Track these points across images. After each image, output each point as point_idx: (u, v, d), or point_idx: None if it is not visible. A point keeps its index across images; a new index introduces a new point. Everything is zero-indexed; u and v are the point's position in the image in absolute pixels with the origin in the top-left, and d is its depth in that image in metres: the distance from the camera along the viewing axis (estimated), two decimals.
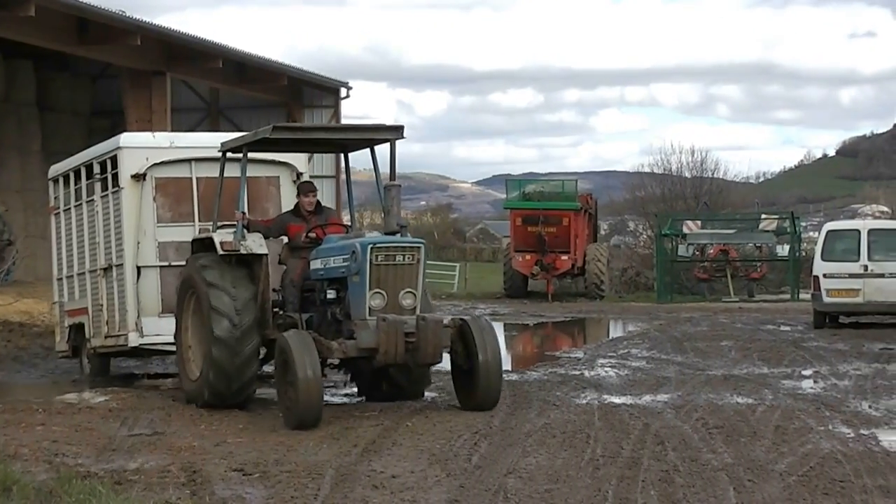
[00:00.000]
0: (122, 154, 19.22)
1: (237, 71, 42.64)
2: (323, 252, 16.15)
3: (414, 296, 15.44)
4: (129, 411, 16.59)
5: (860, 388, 18.78)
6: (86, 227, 20.81)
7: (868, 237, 31.73)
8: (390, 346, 14.64)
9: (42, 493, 10.58)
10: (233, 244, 16.37)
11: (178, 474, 12.09)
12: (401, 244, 15.55)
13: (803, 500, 10.46)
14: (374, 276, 15.08)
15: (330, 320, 16.00)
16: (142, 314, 18.92)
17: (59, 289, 22.35)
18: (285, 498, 11.05)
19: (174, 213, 19.18)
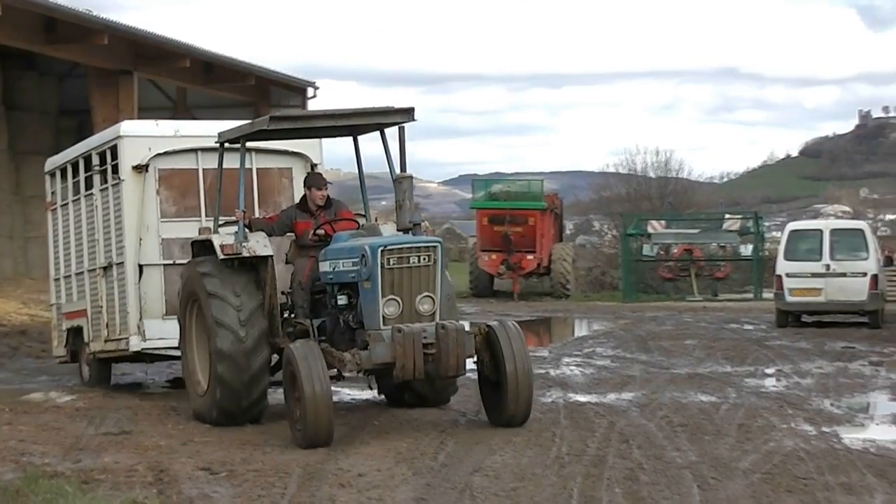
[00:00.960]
0: (122, 143, 17.61)
1: (205, 70, 42.51)
2: (331, 253, 14.38)
3: (432, 300, 13.70)
4: (95, 410, 16.56)
5: (822, 386, 18.88)
6: (84, 224, 19.25)
7: (830, 237, 31.92)
8: (407, 360, 13.01)
9: (8, 493, 10.56)
10: (234, 247, 14.69)
11: (145, 473, 12.08)
12: (414, 244, 13.75)
13: (766, 497, 10.51)
14: (387, 281, 13.41)
15: (343, 328, 14.28)
16: (144, 316, 17.31)
17: (56, 290, 20.92)
18: (252, 497, 11.05)
19: (179, 208, 17.53)
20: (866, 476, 11.61)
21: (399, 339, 12.99)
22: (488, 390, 14.28)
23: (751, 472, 11.59)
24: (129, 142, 17.45)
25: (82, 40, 37.79)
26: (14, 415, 16.01)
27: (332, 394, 13.24)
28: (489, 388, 14.24)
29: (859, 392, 18.53)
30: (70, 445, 13.77)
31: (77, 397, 17.93)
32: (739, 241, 52.16)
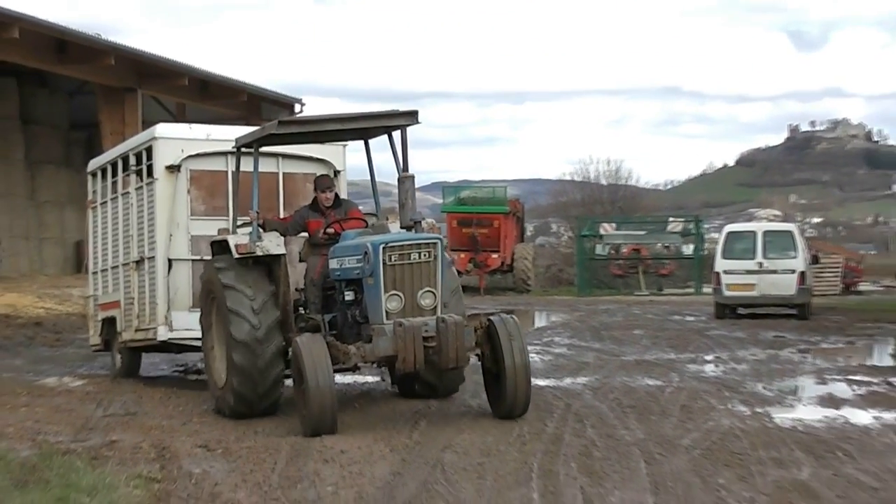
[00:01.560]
0: (157, 144, 16.83)
1: (201, 88, 42.46)
2: (339, 251, 13.66)
3: (433, 295, 12.86)
4: (103, 394, 16.51)
5: (756, 371, 18.91)
6: (120, 220, 18.41)
7: (763, 238, 32.15)
8: (408, 352, 12.24)
9: (26, 468, 10.52)
10: (248, 246, 14.05)
11: (148, 450, 12.04)
12: (415, 241, 12.93)
13: (706, 471, 10.52)
14: (389, 277, 12.66)
15: (350, 322, 13.53)
16: (172, 308, 16.54)
17: (93, 283, 20.11)
18: (245, 472, 11.01)
19: (208, 207, 16.67)
20: (794, 451, 11.64)
21: (400, 332, 12.31)
22: (490, 382, 13.45)
23: (692, 448, 11.61)
24: (163, 143, 16.81)
25: (91, 60, 37.72)
26: (31, 398, 15.95)
27: (334, 385, 12.53)
28: (491, 379, 13.39)
29: (788, 376, 18.58)
30: (81, 425, 13.73)
31: (87, 382, 17.88)
32: (682, 242, 52.53)
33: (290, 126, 13.95)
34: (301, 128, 14.53)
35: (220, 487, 10.41)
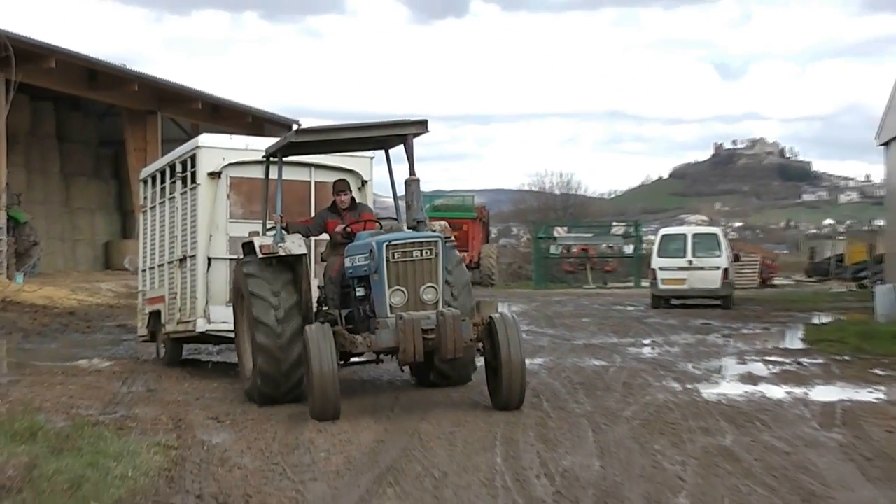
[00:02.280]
0: (200, 153, 16.06)
1: (213, 110, 42.47)
2: (351, 250, 12.74)
3: (435, 290, 11.93)
4: (128, 373, 16.44)
5: (686, 353, 18.96)
6: (167, 223, 17.65)
7: (692, 239, 32.42)
8: (408, 344, 11.42)
9: (61, 437, 10.48)
10: (271, 247, 13.21)
11: (167, 422, 12.02)
12: (417, 240, 12.04)
13: (644, 438, 10.54)
14: (393, 273, 11.80)
15: (362, 317, 12.62)
16: (210, 302, 15.76)
17: (142, 279, 19.30)
18: (250, 440, 11.00)
19: (245, 210, 15.83)
20: (719, 421, 11.68)
21: (401, 325, 11.48)
22: (490, 375, 12.41)
23: (632, 419, 11.64)
24: (205, 152, 16.04)
25: (118, 87, 37.77)
26: (65, 377, 15.87)
27: (337, 373, 11.57)
28: (490, 373, 12.39)
29: (714, 357, 18.62)
30: (108, 400, 13.68)
31: (114, 364, 17.79)
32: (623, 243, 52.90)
33: (307, 134, 13.17)
34: (317, 136, 13.48)
35: (229, 453, 10.39)
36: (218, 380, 15.41)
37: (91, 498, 8.21)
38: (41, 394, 13.86)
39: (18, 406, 12.38)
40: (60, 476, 8.69)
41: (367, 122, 13.19)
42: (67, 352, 19.93)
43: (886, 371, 16.43)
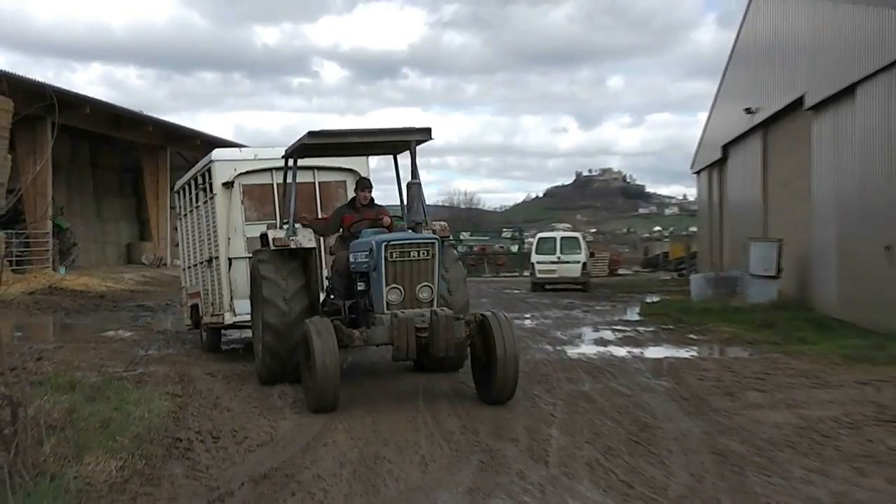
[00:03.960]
0: (214, 166, 14.10)
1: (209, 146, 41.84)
2: (355, 246, 10.79)
3: (430, 289, 9.88)
4: (144, 341, 16.24)
5: (556, 324, 19.10)
6: (196, 228, 15.62)
7: (560, 241, 32.79)
8: (402, 341, 9.50)
9: (94, 389, 10.35)
10: (283, 240, 11.43)
11: (174, 377, 11.90)
12: (415, 241, 10.04)
13: (526, 386, 10.52)
14: (391, 271, 9.80)
15: (362, 309, 10.66)
16: (234, 297, 13.75)
17: (183, 277, 17.16)
18: (235, 389, 10.97)
19: (259, 213, 13.95)
20: (580, 373, 11.80)
21: (396, 323, 9.54)
22: (479, 369, 10.19)
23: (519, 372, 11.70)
24: (219, 165, 14.06)
25: (137, 128, 37.61)
26: (97, 344, 15.64)
27: (339, 366, 9.42)
28: (480, 367, 10.15)
29: (576, 327, 18.79)
30: (130, 361, 13.50)
31: (134, 334, 17.57)
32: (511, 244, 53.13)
33: (320, 137, 10.90)
34: (328, 139, 11.15)
35: (220, 399, 10.34)
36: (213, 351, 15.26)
37: (117, 434, 8.12)
38: (79, 356, 13.66)
39: (62, 365, 12.26)
40: (93, 417, 8.62)
41: (374, 128, 11.04)
42: (99, 325, 19.63)
43: (698, 336, 16.73)
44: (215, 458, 7.72)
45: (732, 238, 28.73)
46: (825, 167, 19.58)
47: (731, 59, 29.55)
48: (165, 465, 7.44)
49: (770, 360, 12.97)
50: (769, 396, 10.14)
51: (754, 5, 26.53)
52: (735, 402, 9.90)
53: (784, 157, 23.59)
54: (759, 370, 12.00)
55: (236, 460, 7.64)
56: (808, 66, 20.48)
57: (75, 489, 6.53)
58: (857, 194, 17.55)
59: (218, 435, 8.50)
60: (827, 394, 10.25)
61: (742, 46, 28.04)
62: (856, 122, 17.50)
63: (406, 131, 10.95)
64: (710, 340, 16.07)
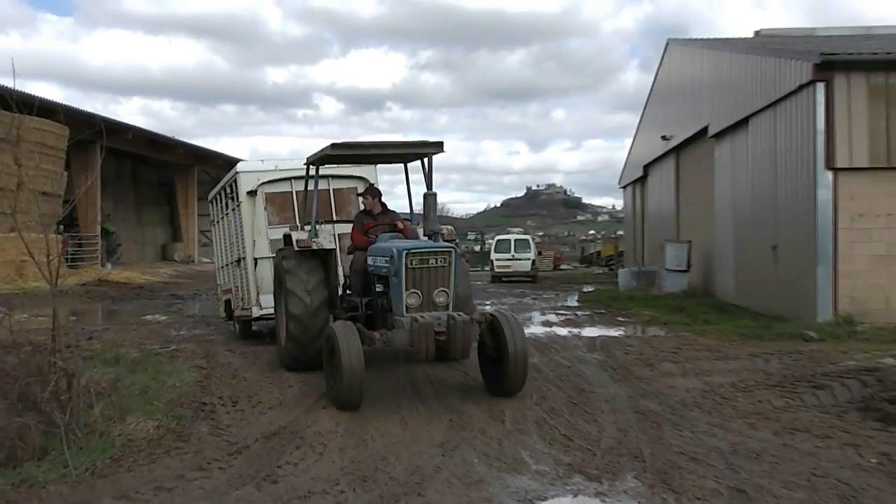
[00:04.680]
0: (239, 177, 13.14)
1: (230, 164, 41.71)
2: (374, 250, 9.52)
3: (447, 294, 8.65)
4: (176, 323, 16.09)
5: (512, 308, 19.04)
6: (226, 232, 14.61)
7: (514, 242, 32.74)
8: (422, 344, 8.23)
9: (134, 362, 10.23)
10: (306, 241, 10.24)
11: (201, 353, 11.79)
12: (433, 249, 8.78)
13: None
14: (410, 277, 8.57)
15: (379, 308, 9.34)
16: (261, 293, 12.71)
17: (218, 275, 15.97)
18: (251, 362, 10.87)
19: (281, 218, 12.88)
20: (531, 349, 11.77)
21: (416, 327, 8.28)
22: (488, 365, 8.89)
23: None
24: (243, 176, 13.08)
25: (170, 150, 37.29)
26: (138, 326, 15.48)
27: (364, 367, 8.08)
28: (489, 363, 8.86)
29: (527, 311, 18.78)
30: (164, 339, 13.38)
31: (168, 318, 17.41)
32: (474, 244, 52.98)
33: (341, 148, 9.54)
34: (349, 150, 9.72)
35: (238, 370, 10.25)
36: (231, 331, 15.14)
37: (153, 399, 8.06)
38: (122, 335, 13.52)
39: (108, 343, 12.08)
40: (134, 386, 8.53)
41: (390, 141, 9.80)
42: (139, 311, 19.43)
43: (624, 318, 16.79)
44: (234, 418, 7.67)
45: (651, 240, 28.91)
46: (724, 183, 19.76)
47: (650, 96, 29.72)
48: (193, 424, 7.38)
49: (681, 338, 13.05)
50: (681, 366, 10.21)
51: (668, 54, 26.70)
52: (654, 371, 9.95)
53: (692, 175, 23.77)
54: (673, 346, 12.08)
55: (251, 420, 7.60)
56: (710, 102, 20.65)
57: (119, 444, 6.49)
58: (750, 205, 17.72)
59: (236, 400, 8.45)
60: (726, 364, 10.33)
61: (659, 86, 28.22)
62: (748, 148, 17.67)
63: (419, 144, 9.63)
64: (634, 322, 16.15)
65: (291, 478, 5.81)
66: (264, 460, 6.25)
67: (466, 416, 7.60)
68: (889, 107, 13.70)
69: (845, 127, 13.73)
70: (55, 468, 5.86)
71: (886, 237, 13.77)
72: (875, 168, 13.74)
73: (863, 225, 13.78)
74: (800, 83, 14.37)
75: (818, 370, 9.25)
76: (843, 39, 19.04)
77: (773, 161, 16.10)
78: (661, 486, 5.58)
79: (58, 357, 6.66)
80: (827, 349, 11.10)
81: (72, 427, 6.31)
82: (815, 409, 7.74)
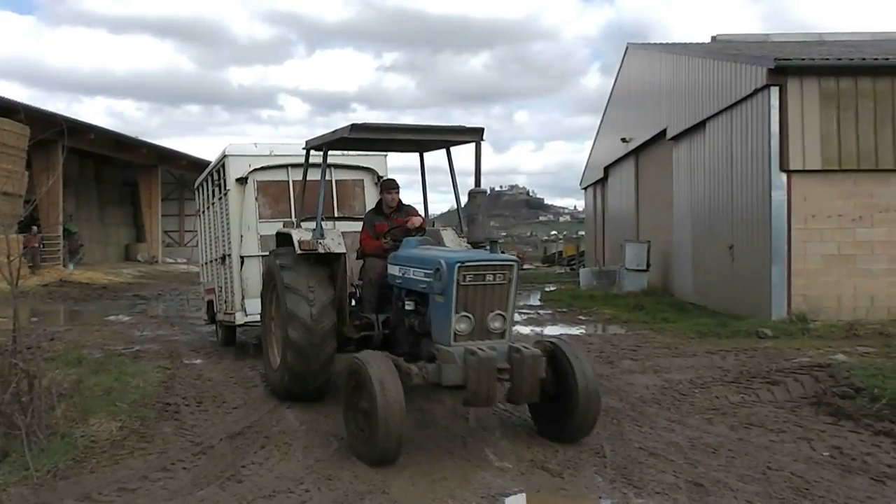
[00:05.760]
0: (228, 161, 11.12)
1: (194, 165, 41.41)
2: (401, 259, 7.31)
3: (503, 318, 6.56)
4: (140, 324, 15.83)
5: None
6: (211, 225, 12.62)
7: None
8: (481, 386, 6.11)
9: (97, 363, 10.07)
10: (311, 243, 7.98)
11: (165, 353, 11.61)
12: (493, 262, 6.57)
13: None
14: (462, 297, 6.42)
15: (406, 329, 7.16)
16: (246, 296, 10.84)
17: (201, 272, 14.18)
18: (215, 363, 10.74)
19: (274, 211, 10.96)
20: None
21: (473, 363, 6.11)
22: (546, 405, 6.66)
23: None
24: (233, 160, 11.08)
25: (134, 150, 36.86)
26: (100, 326, 15.22)
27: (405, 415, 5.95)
28: (548, 402, 6.63)
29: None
30: (128, 340, 13.16)
31: (131, 318, 17.14)
32: None
33: (362, 131, 7.41)
34: (371, 134, 7.60)
35: (202, 371, 10.13)
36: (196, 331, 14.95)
37: (117, 400, 7.92)
38: (85, 336, 13.30)
39: (71, 344, 11.90)
40: (97, 387, 8.39)
41: (423, 125, 7.67)
42: (102, 311, 19.13)
43: (585, 317, 16.90)
44: (198, 418, 7.59)
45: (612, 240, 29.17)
46: (682, 184, 20.01)
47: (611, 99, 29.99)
48: (157, 424, 7.29)
49: (641, 336, 13.15)
50: (640, 364, 10.29)
51: (628, 58, 26.97)
52: (614, 368, 10.03)
53: (651, 177, 24.03)
54: (633, 343, 12.17)
55: (216, 420, 7.52)
56: (669, 105, 20.90)
57: (82, 445, 6.39)
58: (707, 205, 17.97)
59: (201, 400, 8.35)
60: (684, 361, 10.45)
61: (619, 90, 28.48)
62: (705, 150, 17.91)
63: (458, 130, 7.69)
64: (595, 320, 16.25)
65: (256, 477, 5.77)
66: (229, 460, 6.19)
67: (430, 415, 7.60)
68: (840, 111, 13.98)
69: (798, 130, 13.98)
70: (16, 470, 5.76)
71: (838, 237, 14.05)
72: (827, 170, 14.01)
73: (815, 225, 14.05)
74: (755, 87, 14.59)
75: (773, 367, 9.41)
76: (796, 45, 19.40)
77: (729, 163, 16.34)
78: (621, 481, 5.63)
79: (19, 358, 6.54)
80: (781, 346, 11.28)
81: (33, 429, 6.20)
82: (770, 405, 7.87)
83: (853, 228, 14.01)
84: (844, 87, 13.99)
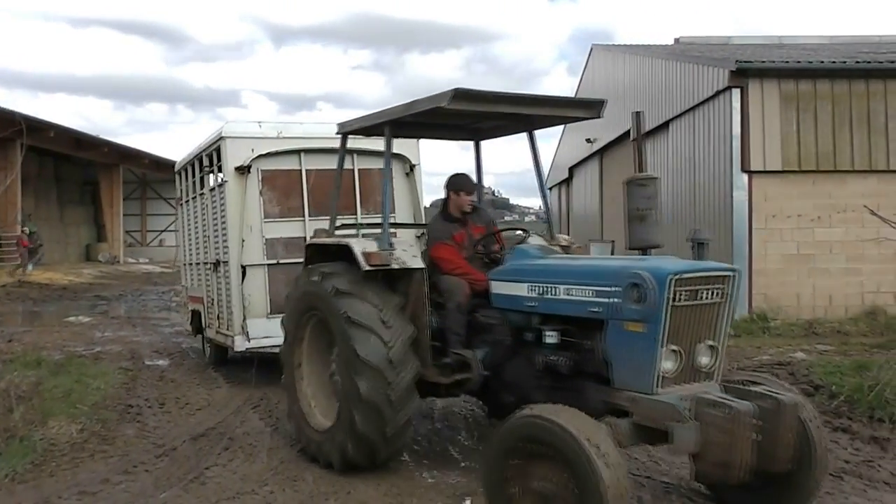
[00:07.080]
0: (225, 144, 8.78)
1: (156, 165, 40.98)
2: (530, 274, 5.10)
3: (716, 351, 4.35)
4: (101, 325, 15.63)
5: None
6: (199, 220, 10.23)
7: None
8: (734, 456, 3.78)
9: (58, 365, 9.92)
10: (382, 257, 5.59)
11: (126, 354, 11.51)
12: (709, 272, 4.27)
13: None
14: (674, 323, 4.15)
15: (539, 371, 4.89)
16: (248, 316, 8.68)
17: (184, 274, 11.86)
18: (179, 364, 10.67)
19: (282, 208, 8.83)
20: None
21: (718, 420, 3.92)
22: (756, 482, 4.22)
23: None
24: (231, 143, 8.75)
25: (95, 149, 36.42)
26: (60, 327, 14.99)
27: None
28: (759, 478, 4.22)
29: None
30: (88, 341, 12.98)
31: (92, 319, 16.89)
32: None
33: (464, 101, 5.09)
34: (473, 105, 5.22)
35: (165, 372, 10.05)
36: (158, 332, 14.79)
37: (77, 402, 7.82)
38: (44, 338, 13.09)
39: (30, 346, 11.71)
40: (57, 389, 8.26)
41: (538, 95, 5.51)
42: (62, 312, 18.84)
43: None
44: (161, 420, 7.51)
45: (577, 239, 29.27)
46: None
47: None
48: (119, 427, 7.21)
49: None
50: None
51: (593, 59, 27.20)
52: None
53: (615, 177, 24.27)
54: None
55: (179, 422, 7.46)
56: (633, 106, 21.12)
57: (41, 449, 6.30)
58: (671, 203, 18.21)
59: (163, 401, 8.28)
60: None
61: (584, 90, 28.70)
62: (669, 149, 18.14)
63: (578, 103, 5.88)
64: None
65: (220, 479, 5.73)
66: (192, 462, 6.14)
67: None
68: (800, 113, 14.24)
69: (759, 131, 14.22)
70: None
71: (797, 237, 14.31)
72: (787, 171, 14.26)
73: (776, 225, 14.29)
74: (717, 89, 14.81)
75: (734, 365, 9.55)
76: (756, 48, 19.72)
77: (692, 163, 16.57)
78: None
79: None
80: (742, 345, 11.46)
81: None
82: None
83: (812, 228, 14.29)
84: (804, 89, 14.26)
